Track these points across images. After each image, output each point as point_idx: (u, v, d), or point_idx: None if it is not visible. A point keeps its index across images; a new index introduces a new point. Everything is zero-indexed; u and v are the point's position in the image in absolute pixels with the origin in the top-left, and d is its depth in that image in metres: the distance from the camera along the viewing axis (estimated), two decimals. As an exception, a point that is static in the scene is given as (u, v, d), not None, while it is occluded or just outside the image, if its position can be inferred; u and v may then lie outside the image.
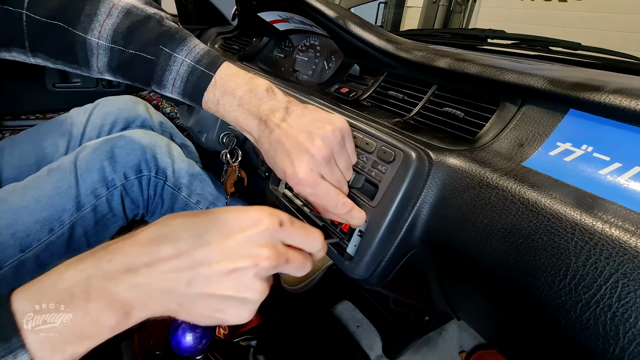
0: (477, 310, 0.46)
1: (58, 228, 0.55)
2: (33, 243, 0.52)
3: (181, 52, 0.41)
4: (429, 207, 0.38)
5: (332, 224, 0.45)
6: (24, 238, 0.52)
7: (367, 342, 0.90)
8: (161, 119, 0.84)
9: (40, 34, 0.41)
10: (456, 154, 0.38)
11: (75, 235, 0.57)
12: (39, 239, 0.53)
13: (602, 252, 0.25)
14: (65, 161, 0.60)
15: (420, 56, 0.49)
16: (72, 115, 0.79)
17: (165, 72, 0.42)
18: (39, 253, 0.53)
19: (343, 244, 0.43)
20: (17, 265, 0.51)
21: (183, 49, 0.41)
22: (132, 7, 0.42)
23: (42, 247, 0.53)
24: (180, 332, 0.60)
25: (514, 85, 0.39)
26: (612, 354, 0.24)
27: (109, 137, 0.64)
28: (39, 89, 1.02)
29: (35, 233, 0.53)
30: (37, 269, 0.53)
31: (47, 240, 0.54)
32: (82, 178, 0.58)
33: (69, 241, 0.57)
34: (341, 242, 0.43)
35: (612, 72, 0.52)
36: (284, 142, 0.36)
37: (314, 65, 0.82)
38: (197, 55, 0.41)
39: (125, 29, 0.41)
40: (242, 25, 0.96)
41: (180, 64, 0.41)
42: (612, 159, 0.30)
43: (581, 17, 2.82)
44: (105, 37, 0.41)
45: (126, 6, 0.41)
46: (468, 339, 0.94)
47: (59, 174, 0.58)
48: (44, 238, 0.53)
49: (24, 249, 0.52)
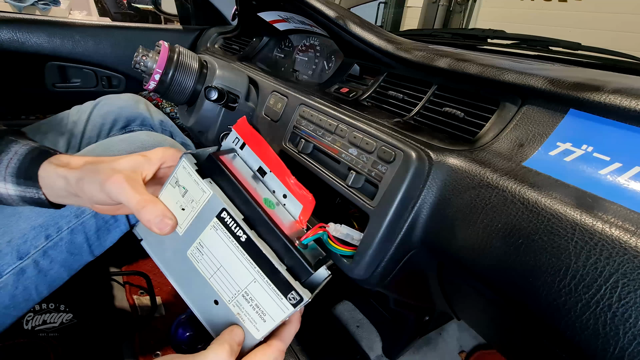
0: (477, 311, 0.46)
1: (55, 234, 0.54)
2: (31, 250, 0.51)
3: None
4: (429, 207, 0.38)
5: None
6: (21, 245, 0.51)
7: (367, 342, 0.90)
8: (162, 118, 0.84)
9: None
10: (456, 154, 0.38)
11: (76, 241, 0.56)
12: (36, 246, 0.52)
13: (602, 252, 0.25)
14: None
15: (420, 56, 0.49)
16: (73, 113, 0.79)
17: (2, 153, 0.40)
18: (38, 259, 0.52)
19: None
20: (18, 273, 0.51)
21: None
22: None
23: (40, 254, 0.52)
24: (180, 332, 0.60)
25: (514, 85, 0.39)
26: (612, 354, 0.24)
27: (111, 140, 0.63)
28: (38, 89, 1.02)
29: (32, 240, 0.52)
30: (38, 275, 0.52)
31: (45, 247, 0.53)
32: None
33: (70, 247, 0.56)
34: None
35: (612, 72, 0.52)
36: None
37: (314, 65, 0.82)
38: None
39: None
40: (242, 25, 0.96)
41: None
42: (612, 159, 0.30)
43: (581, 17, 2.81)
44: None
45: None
46: (468, 339, 0.94)
47: None
48: (41, 245, 0.52)
49: (22, 256, 0.51)
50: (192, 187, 0.34)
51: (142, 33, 1.08)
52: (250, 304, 0.33)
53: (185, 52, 0.66)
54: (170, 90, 0.64)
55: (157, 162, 0.39)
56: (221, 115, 0.66)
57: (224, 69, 0.66)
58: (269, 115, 0.62)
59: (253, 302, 0.32)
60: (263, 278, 0.32)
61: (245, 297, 0.33)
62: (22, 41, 0.93)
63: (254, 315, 0.33)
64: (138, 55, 0.61)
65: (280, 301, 0.31)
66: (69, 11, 3.92)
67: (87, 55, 1.02)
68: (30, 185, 0.39)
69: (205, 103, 0.64)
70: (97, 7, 4.79)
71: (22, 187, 0.40)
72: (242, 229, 0.32)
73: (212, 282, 0.34)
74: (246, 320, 0.33)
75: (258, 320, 0.33)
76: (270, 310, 0.32)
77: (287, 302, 0.31)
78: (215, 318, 0.35)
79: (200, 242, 0.34)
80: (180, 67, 0.63)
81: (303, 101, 0.55)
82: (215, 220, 0.33)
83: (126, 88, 1.11)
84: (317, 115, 0.51)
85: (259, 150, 0.39)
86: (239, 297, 0.33)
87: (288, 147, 0.54)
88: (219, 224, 0.33)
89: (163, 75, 0.62)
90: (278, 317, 0.32)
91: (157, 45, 0.63)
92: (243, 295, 0.33)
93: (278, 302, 0.31)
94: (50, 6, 3.47)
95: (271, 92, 0.63)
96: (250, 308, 0.33)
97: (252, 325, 0.33)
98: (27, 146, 0.40)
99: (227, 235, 0.33)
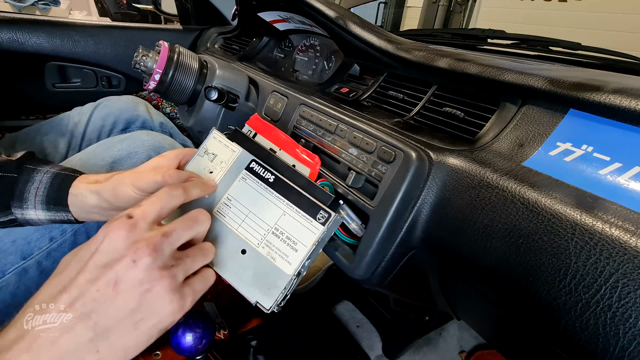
0: (477, 310, 0.46)
1: (60, 236, 0.54)
2: (34, 251, 0.52)
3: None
4: (429, 207, 0.38)
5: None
6: (24, 245, 0.51)
7: (367, 342, 0.90)
8: (162, 120, 0.84)
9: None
10: (456, 154, 0.38)
11: (79, 242, 0.56)
12: (40, 247, 0.52)
13: (602, 252, 0.25)
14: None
15: (420, 56, 0.49)
16: (73, 114, 0.79)
17: (27, 183, 0.42)
18: (41, 260, 0.53)
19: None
20: (20, 273, 0.51)
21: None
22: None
23: (43, 255, 0.53)
24: (180, 332, 0.60)
25: (514, 85, 0.39)
26: (612, 354, 0.24)
27: (112, 140, 0.63)
28: (38, 89, 1.02)
29: (35, 241, 0.52)
30: (41, 275, 0.52)
31: (48, 248, 0.53)
32: None
33: (72, 248, 0.56)
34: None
35: (612, 72, 0.52)
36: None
37: (314, 65, 0.82)
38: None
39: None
40: (242, 25, 0.96)
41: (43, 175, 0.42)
42: (612, 159, 0.30)
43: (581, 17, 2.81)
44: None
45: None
46: (468, 339, 0.94)
47: None
48: (45, 246, 0.53)
49: (26, 256, 0.51)
50: (221, 151, 0.40)
51: (142, 33, 1.08)
52: (281, 237, 0.35)
53: (185, 52, 0.66)
54: (170, 90, 0.64)
55: (175, 158, 0.41)
56: (221, 116, 0.66)
57: (224, 69, 0.66)
58: (269, 115, 0.62)
59: (284, 235, 0.35)
60: (292, 208, 0.35)
61: (275, 233, 0.35)
62: (22, 41, 0.93)
63: (285, 249, 0.35)
64: (138, 55, 0.61)
65: (310, 224, 0.35)
66: (69, 11, 3.92)
67: (87, 55, 1.02)
68: (60, 210, 0.42)
69: (205, 103, 0.64)
70: (97, 7, 4.79)
71: (52, 212, 0.42)
72: (270, 171, 0.38)
73: (239, 231, 0.36)
74: (277, 257, 0.35)
75: (290, 253, 0.35)
76: (301, 237, 0.35)
77: (317, 222, 0.34)
78: (242, 271, 0.35)
79: (229, 196, 0.38)
80: (180, 67, 0.63)
81: (303, 101, 0.55)
82: (244, 172, 0.38)
83: (126, 88, 1.11)
84: (317, 115, 0.51)
85: (269, 135, 0.45)
86: (269, 236, 0.36)
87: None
88: (247, 174, 0.38)
89: (163, 75, 0.62)
90: (309, 240, 0.34)
91: (157, 45, 0.63)
92: (273, 232, 0.35)
93: (308, 226, 0.35)
94: (50, 6, 3.46)
95: (271, 92, 0.63)
96: (280, 243, 0.35)
97: (284, 260, 0.35)
98: (48, 174, 0.43)
99: (256, 181, 0.38)
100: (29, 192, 0.42)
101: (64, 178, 0.42)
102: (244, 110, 0.67)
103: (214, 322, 0.63)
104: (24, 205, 0.42)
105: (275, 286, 0.34)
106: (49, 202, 0.42)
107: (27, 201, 0.42)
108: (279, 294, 0.34)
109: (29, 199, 0.42)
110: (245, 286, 0.35)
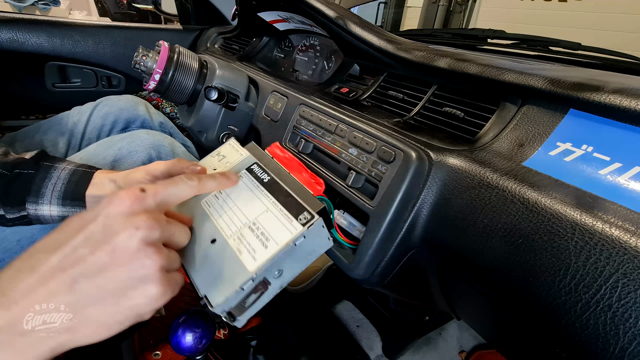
0: (477, 310, 0.46)
1: None
2: None
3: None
4: (429, 207, 0.38)
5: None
6: (29, 245, 0.51)
7: (367, 342, 0.90)
8: (161, 119, 0.84)
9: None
10: (456, 154, 0.38)
11: None
12: None
13: (602, 252, 0.25)
14: None
15: (420, 56, 0.49)
16: (73, 114, 0.79)
17: (45, 179, 0.43)
18: None
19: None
20: None
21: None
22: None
23: None
24: (180, 332, 0.60)
25: (514, 85, 0.39)
26: (612, 353, 0.24)
27: (112, 138, 0.64)
28: (38, 89, 1.02)
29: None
30: None
31: None
32: None
33: None
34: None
35: (612, 72, 0.52)
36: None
37: (314, 65, 0.82)
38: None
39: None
40: (242, 25, 0.96)
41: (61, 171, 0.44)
42: (612, 159, 0.30)
43: (581, 17, 2.81)
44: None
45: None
46: (468, 339, 0.94)
47: None
48: None
49: None
50: (231, 154, 0.43)
51: (142, 33, 1.08)
52: (256, 232, 0.33)
53: (185, 52, 0.66)
54: (170, 90, 0.64)
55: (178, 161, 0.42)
56: (221, 115, 0.66)
57: (224, 69, 0.66)
58: (269, 115, 0.62)
59: (259, 230, 0.33)
60: (276, 206, 0.34)
61: (252, 227, 0.34)
62: (22, 41, 0.93)
63: (255, 244, 0.32)
64: (138, 55, 0.61)
65: (290, 223, 0.32)
66: (69, 11, 3.92)
67: (87, 55, 1.02)
68: (75, 205, 0.43)
69: (205, 103, 0.64)
70: (97, 7, 4.79)
71: (67, 208, 0.43)
72: (267, 173, 0.38)
73: (218, 221, 0.35)
74: (244, 251, 0.32)
75: (258, 248, 0.32)
76: (276, 234, 0.32)
77: (297, 222, 0.32)
78: (203, 259, 0.33)
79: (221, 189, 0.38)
80: (180, 67, 0.63)
81: (303, 101, 0.55)
82: (243, 172, 0.39)
83: (126, 88, 1.11)
84: (317, 115, 0.51)
85: (278, 158, 0.45)
86: (244, 230, 0.34)
87: (288, 147, 0.54)
88: (246, 174, 0.39)
89: (163, 75, 0.62)
90: (283, 239, 0.31)
91: (157, 45, 0.63)
92: (250, 227, 0.34)
93: (287, 225, 0.32)
94: (50, 6, 3.46)
95: (271, 92, 0.63)
96: (253, 237, 0.33)
97: (249, 255, 0.32)
98: (66, 170, 0.44)
99: (251, 180, 0.38)
100: (46, 187, 0.43)
101: (83, 174, 0.44)
102: (244, 110, 0.67)
103: (213, 321, 0.63)
104: (40, 200, 0.43)
105: (231, 282, 0.30)
106: (66, 197, 0.43)
107: (44, 196, 0.43)
108: (233, 292, 0.29)
109: (45, 194, 0.43)
110: (199, 276, 0.32)
